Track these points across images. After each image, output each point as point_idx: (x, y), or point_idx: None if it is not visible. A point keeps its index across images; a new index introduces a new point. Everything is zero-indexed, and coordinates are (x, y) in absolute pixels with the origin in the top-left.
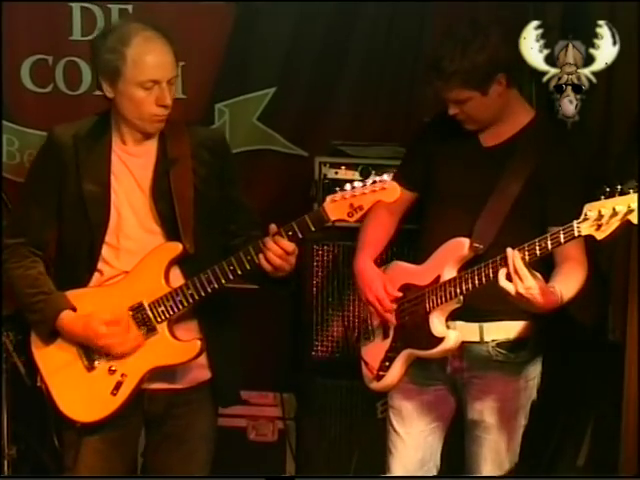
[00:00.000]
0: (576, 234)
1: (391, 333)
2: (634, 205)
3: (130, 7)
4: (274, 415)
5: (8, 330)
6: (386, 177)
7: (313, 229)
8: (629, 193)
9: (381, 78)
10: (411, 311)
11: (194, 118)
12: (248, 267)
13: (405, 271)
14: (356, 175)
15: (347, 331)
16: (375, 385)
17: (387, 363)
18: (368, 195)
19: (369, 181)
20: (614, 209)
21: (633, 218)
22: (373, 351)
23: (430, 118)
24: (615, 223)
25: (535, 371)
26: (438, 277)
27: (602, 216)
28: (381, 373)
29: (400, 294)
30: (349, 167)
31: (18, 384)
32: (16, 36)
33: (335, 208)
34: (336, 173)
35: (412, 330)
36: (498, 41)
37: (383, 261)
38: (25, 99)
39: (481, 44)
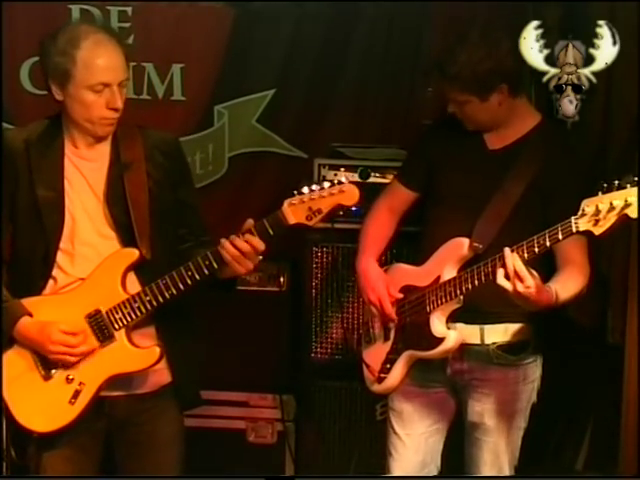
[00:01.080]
0: (574, 230)
1: (392, 335)
2: (631, 199)
3: (129, 9)
4: (273, 417)
5: None
6: (344, 180)
7: (272, 233)
8: (626, 187)
9: (380, 80)
10: (412, 312)
11: (193, 120)
12: (207, 272)
13: (405, 273)
14: (355, 177)
15: (346, 333)
16: (377, 387)
17: (388, 365)
18: (327, 198)
19: (327, 184)
20: (611, 204)
21: (631, 212)
22: (374, 353)
23: (430, 121)
24: (612, 218)
25: (535, 373)
26: (438, 278)
27: (599, 211)
28: (382, 375)
29: (401, 295)
30: (348, 169)
31: None
32: (15, 38)
33: (293, 211)
34: (335, 175)
35: (413, 331)
36: (506, 53)
37: (382, 263)
38: (24, 101)
39: (487, 53)
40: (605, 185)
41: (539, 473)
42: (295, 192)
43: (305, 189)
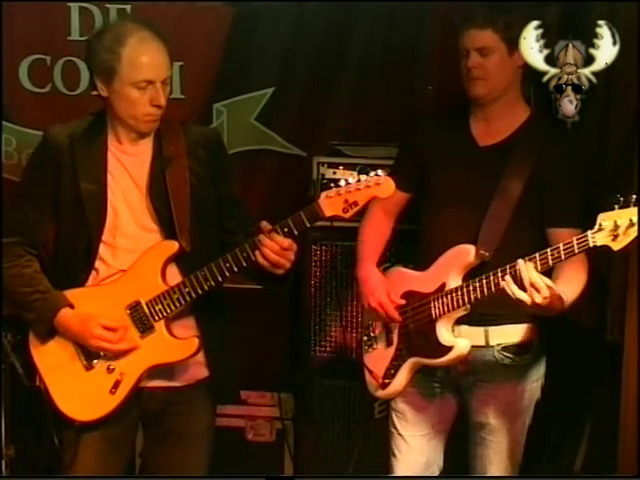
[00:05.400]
0: (591, 244)
1: (395, 341)
2: None
3: (128, 7)
4: (272, 415)
5: (7, 330)
6: (381, 173)
7: (308, 225)
8: None
9: (380, 78)
10: (415, 319)
11: (192, 118)
12: (244, 264)
13: (407, 277)
14: (354, 175)
15: (345, 331)
16: (380, 393)
17: (392, 371)
18: (363, 191)
19: (363, 177)
20: (631, 220)
21: None
22: (377, 359)
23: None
24: (633, 234)
25: (539, 372)
26: (443, 285)
27: (618, 227)
28: (386, 381)
29: (403, 301)
30: (347, 167)
31: (16, 384)
32: (14, 36)
33: (330, 204)
34: (334, 173)
35: (417, 338)
36: None
37: (381, 262)
38: (23, 99)
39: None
40: (622, 199)
41: (538, 471)
42: (332, 185)
43: (342, 182)
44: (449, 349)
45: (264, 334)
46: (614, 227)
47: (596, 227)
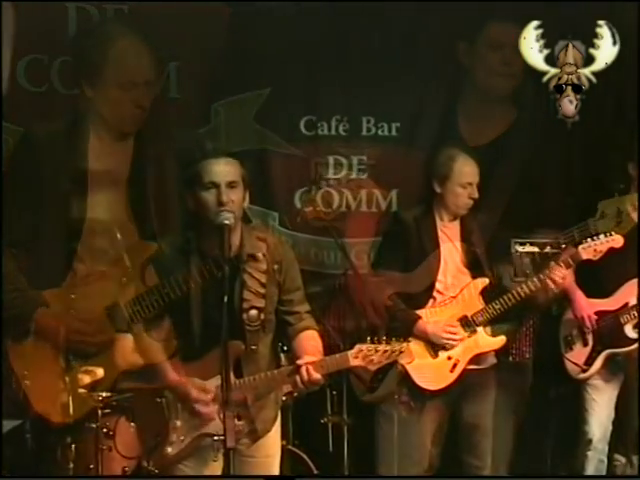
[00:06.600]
0: (592, 231)
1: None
2: None
3: (125, 7)
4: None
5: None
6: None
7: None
8: None
9: (377, 78)
10: (403, 321)
11: (190, 117)
12: (224, 264)
13: (392, 279)
14: (352, 175)
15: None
16: (368, 397)
17: (380, 375)
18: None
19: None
20: (634, 205)
21: None
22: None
23: None
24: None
25: (528, 371)
26: (432, 284)
27: (621, 212)
28: (375, 385)
29: (390, 303)
30: (345, 167)
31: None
32: (12, 35)
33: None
34: (332, 175)
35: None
36: None
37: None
38: (21, 98)
39: None
40: (622, 186)
41: (540, 471)
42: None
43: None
44: (445, 350)
45: None
46: (617, 213)
47: (597, 214)
